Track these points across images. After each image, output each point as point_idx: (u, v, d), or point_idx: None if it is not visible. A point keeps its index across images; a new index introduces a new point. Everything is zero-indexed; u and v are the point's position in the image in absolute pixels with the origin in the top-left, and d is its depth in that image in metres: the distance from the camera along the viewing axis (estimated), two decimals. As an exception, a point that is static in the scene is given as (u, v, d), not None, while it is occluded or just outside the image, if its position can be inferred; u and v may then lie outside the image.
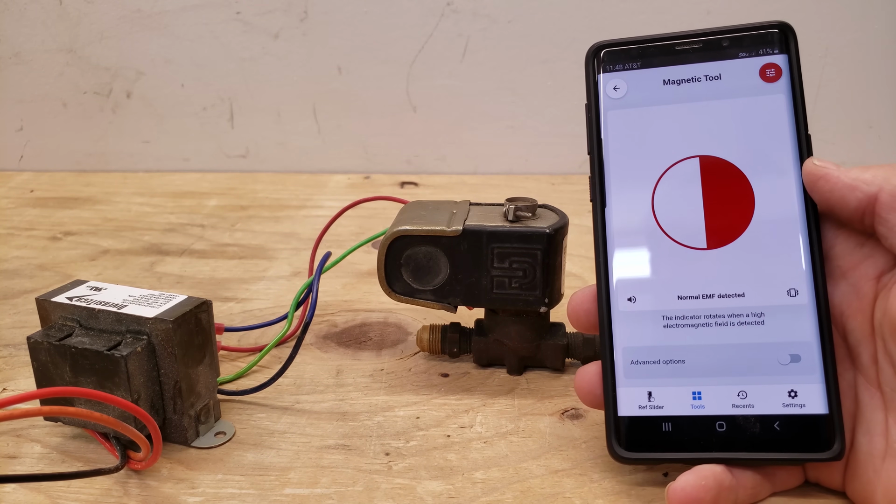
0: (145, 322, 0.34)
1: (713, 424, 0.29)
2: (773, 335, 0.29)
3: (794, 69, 0.32)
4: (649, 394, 0.30)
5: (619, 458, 0.30)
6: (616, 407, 0.30)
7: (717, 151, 0.31)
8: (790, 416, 0.28)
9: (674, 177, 0.31)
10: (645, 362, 0.30)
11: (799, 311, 0.29)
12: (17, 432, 0.37)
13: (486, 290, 0.39)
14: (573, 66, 0.79)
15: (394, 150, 0.84)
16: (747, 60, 0.32)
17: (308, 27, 0.80)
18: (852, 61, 0.77)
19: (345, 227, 0.65)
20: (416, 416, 0.39)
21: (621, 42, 0.34)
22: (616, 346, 0.31)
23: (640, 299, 0.31)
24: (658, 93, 0.33)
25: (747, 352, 0.29)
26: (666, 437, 0.29)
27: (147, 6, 0.80)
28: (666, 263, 0.31)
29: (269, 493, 0.33)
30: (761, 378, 0.29)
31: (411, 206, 0.43)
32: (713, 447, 0.29)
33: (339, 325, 0.49)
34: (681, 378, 0.30)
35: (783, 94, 0.31)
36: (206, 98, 0.83)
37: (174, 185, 0.80)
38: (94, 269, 0.58)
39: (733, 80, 0.32)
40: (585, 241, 0.61)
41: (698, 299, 0.30)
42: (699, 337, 0.30)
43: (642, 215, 0.31)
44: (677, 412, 0.29)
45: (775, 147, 0.31)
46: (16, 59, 0.82)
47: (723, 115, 0.32)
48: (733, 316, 0.30)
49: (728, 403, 0.29)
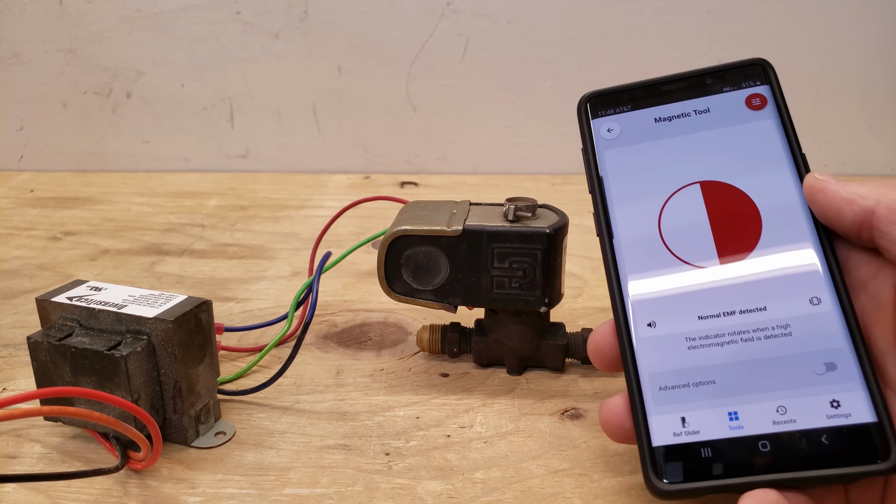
0: (145, 322, 0.34)
1: (756, 445, 0.27)
2: (802, 346, 0.28)
3: (777, 97, 0.33)
4: (683, 419, 0.28)
5: (660, 492, 0.27)
6: (650, 437, 0.28)
7: (716, 176, 0.32)
8: (837, 429, 0.26)
9: (677, 203, 0.32)
10: (674, 387, 0.28)
11: (825, 319, 0.28)
12: (17, 432, 0.37)
13: (486, 290, 0.39)
14: (573, 66, 0.79)
15: (394, 150, 0.84)
16: (732, 93, 0.33)
17: (308, 27, 0.80)
18: (852, 61, 0.78)
19: (345, 227, 0.66)
20: (416, 416, 0.39)
21: (610, 90, 0.35)
22: (642, 374, 0.29)
23: (660, 323, 0.30)
24: (651, 130, 0.34)
25: (779, 365, 0.28)
26: (707, 464, 0.27)
27: (147, 6, 0.80)
28: (682, 286, 0.30)
29: (269, 493, 0.33)
30: (798, 391, 0.27)
31: (411, 206, 0.43)
32: (759, 469, 0.26)
33: (339, 325, 0.49)
34: (713, 399, 0.28)
35: (772, 118, 0.32)
36: (206, 98, 0.83)
37: (174, 185, 0.80)
38: (94, 269, 0.58)
39: (722, 112, 0.33)
40: (585, 241, 0.62)
41: (720, 317, 0.29)
42: (726, 355, 0.29)
43: (651, 242, 0.31)
44: (715, 436, 0.27)
45: (773, 167, 0.31)
46: (16, 59, 0.82)
47: (717, 143, 0.32)
48: (758, 330, 0.29)
49: (768, 421, 0.27)
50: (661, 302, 0.30)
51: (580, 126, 0.35)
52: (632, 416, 0.29)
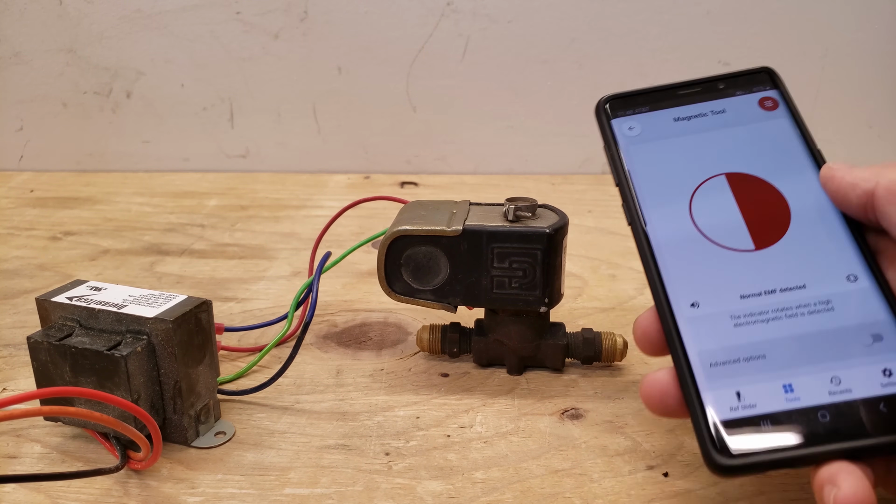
0: (145, 322, 0.34)
1: (815, 416, 0.27)
2: (846, 319, 0.29)
3: (788, 100, 0.34)
4: (738, 394, 0.28)
5: (721, 467, 0.26)
6: (705, 414, 0.28)
7: (740, 168, 0.33)
8: (893, 396, 0.27)
9: (705, 193, 0.33)
10: (725, 363, 0.28)
11: (864, 294, 0.29)
12: (17, 432, 0.37)
13: (486, 290, 0.39)
14: (573, 66, 0.79)
15: (394, 150, 0.84)
16: (745, 96, 0.35)
17: (308, 27, 0.80)
18: (852, 61, 0.78)
19: (345, 227, 0.66)
20: (416, 416, 0.39)
21: (627, 93, 0.36)
22: (690, 351, 0.29)
23: (703, 304, 0.30)
24: (671, 128, 0.35)
25: (827, 338, 0.28)
26: (767, 437, 0.27)
27: (147, 6, 0.80)
28: (719, 268, 0.31)
29: (269, 493, 0.33)
30: (850, 362, 0.28)
31: (411, 206, 0.43)
32: (820, 440, 0.26)
33: (339, 325, 0.49)
34: (767, 373, 0.28)
35: (785, 118, 0.34)
36: (206, 98, 0.83)
37: (174, 185, 0.80)
38: (94, 269, 0.58)
39: (737, 112, 0.35)
40: (585, 241, 0.62)
41: (761, 296, 0.30)
42: (774, 330, 0.29)
43: (685, 228, 0.32)
44: (773, 409, 0.27)
45: (792, 159, 0.33)
46: (16, 59, 0.82)
47: (736, 139, 0.34)
48: (801, 307, 0.29)
49: (824, 391, 0.27)
50: (702, 284, 0.31)
51: (600, 126, 0.36)
52: (682, 393, 0.29)
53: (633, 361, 0.44)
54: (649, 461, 0.35)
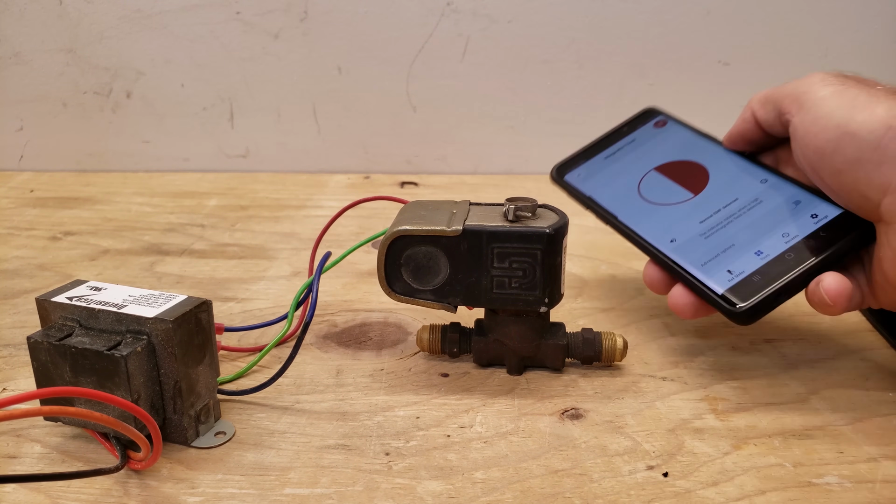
0: (145, 322, 0.34)
1: (784, 258, 0.39)
2: (773, 201, 0.41)
3: (672, 116, 0.50)
4: (728, 271, 0.39)
5: (743, 312, 0.37)
6: (716, 292, 0.39)
7: (660, 161, 0.48)
8: (828, 223, 0.39)
9: (645, 183, 0.47)
10: (710, 259, 0.40)
11: (776, 185, 0.42)
12: (17, 432, 0.37)
13: (486, 290, 0.39)
14: (573, 66, 0.79)
15: (394, 150, 0.84)
16: (644, 126, 0.51)
17: (308, 27, 0.80)
18: (852, 61, 0.78)
19: (345, 227, 0.66)
20: (416, 416, 0.39)
21: (567, 159, 0.52)
22: (685, 265, 0.41)
23: (678, 237, 0.43)
24: (605, 162, 0.50)
25: (768, 216, 0.41)
26: (761, 284, 0.38)
27: (147, 6, 0.80)
28: (676, 215, 0.44)
29: (269, 493, 0.33)
30: (788, 220, 0.40)
31: (411, 206, 0.43)
32: (793, 267, 0.38)
33: (339, 325, 0.49)
34: (740, 251, 0.40)
35: (675, 125, 0.50)
36: (206, 98, 0.83)
37: (174, 185, 0.80)
38: (94, 269, 0.58)
39: (643, 136, 0.50)
40: (585, 241, 0.62)
41: (712, 216, 0.43)
42: (731, 229, 0.41)
43: (643, 207, 0.45)
44: (755, 267, 0.39)
45: (691, 141, 0.48)
46: (16, 59, 0.82)
47: (650, 149, 0.49)
48: (741, 209, 0.42)
49: (781, 243, 0.39)
50: (670, 228, 0.43)
51: (559, 185, 0.51)
52: (695, 293, 0.40)
53: (633, 361, 0.44)
54: (649, 461, 0.35)
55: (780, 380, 0.42)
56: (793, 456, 0.35)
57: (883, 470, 0.34)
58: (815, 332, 0.46)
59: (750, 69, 0.79)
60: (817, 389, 0.41)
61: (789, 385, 0.42)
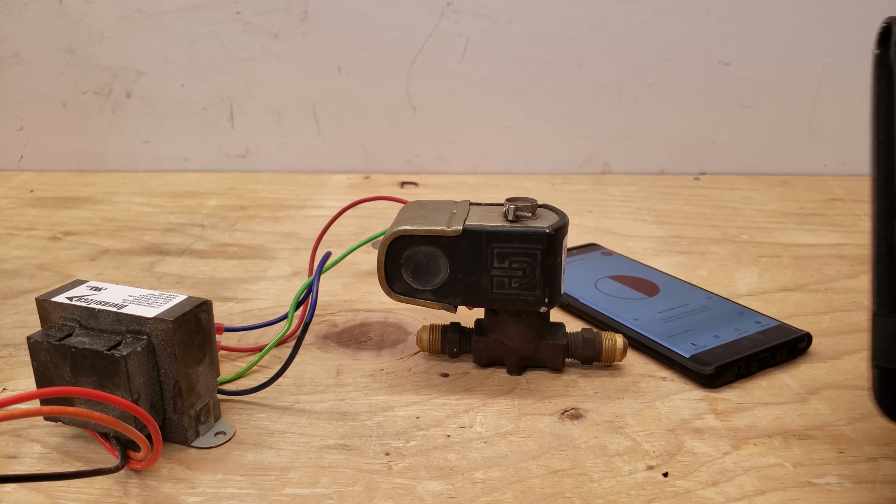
0: (145, 322, 0.34)
1: (738, 342, 0.44)
2: (722, 309, 0.48)
3: (611, 252, 0.58)
4: (693, 343, 0.44)
5: (708, 375, 0.41)
6: (679, 354, 0.43)
7: (610, 273, 0.54)
8: (770, 328, 0.46)
9: (602, 283, 0.52)
10: (674, 335, 0.45)
11: (721, 301, 0.49)
12: (17, 432, 0.37)
13: (486, 290, 0.39)
14: (573, 66, 0.79)
15: (394, 150, 0.84)
16: (593, 252, 0.59)
17: (308, 27, 0.80)
18: (852, 61, 0.77)
19: (345, 227, 0.66)
20: (416, 416, 0.39)
21: None
22: (653, 336, 0.45)
23: (639, 318, 0.47)
24: (568, 265, 0.55)
25: (718, 317, 0.47)
26: (719, 356, 0.42)
27: (147, 6, 0.80)
28: (638, 305, 0.49)
29: (269, 493, 0.33)
30: (737, 321, 0.46)
31: (411, 206, 0.43)
32: (753, 349, 0.43)
33: (339, 325, 0.49)
34: (700, 333, 0.45)
35: (617, 256, 0.57)
36: (206, 98, 0.83)
37: (174, 185, 0.80)
38: (94, 269, 0.58)
39: (594, 258, 0.57)
40: (585, 241, 0.62)
41: (669, 311, 0.48)
42: (688, 320, 0.47)
43: (600, 299, 0.50)
44: (714, 344, 0.43)
45: (633, 266, 0.55)
46: (16, 59, 0.82)
47: (602, 265, 0.55)
48: (693, 311, 0.48)
49: (735, 334, 0.45)
50: (631, 312, 0.48)
51: None
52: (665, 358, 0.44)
53: (633, 361, 0.44)
54: (649, 461, 0.35)
55: (780, 380, 0.42)
56: (793, 456, 0.35)
57: (883, 470, 0.34)
58: (814, 332, 0.46)
59: (750, 69, 0.79)
60: (817, 389, 0.41)
61: (789, 385, 0.42)
